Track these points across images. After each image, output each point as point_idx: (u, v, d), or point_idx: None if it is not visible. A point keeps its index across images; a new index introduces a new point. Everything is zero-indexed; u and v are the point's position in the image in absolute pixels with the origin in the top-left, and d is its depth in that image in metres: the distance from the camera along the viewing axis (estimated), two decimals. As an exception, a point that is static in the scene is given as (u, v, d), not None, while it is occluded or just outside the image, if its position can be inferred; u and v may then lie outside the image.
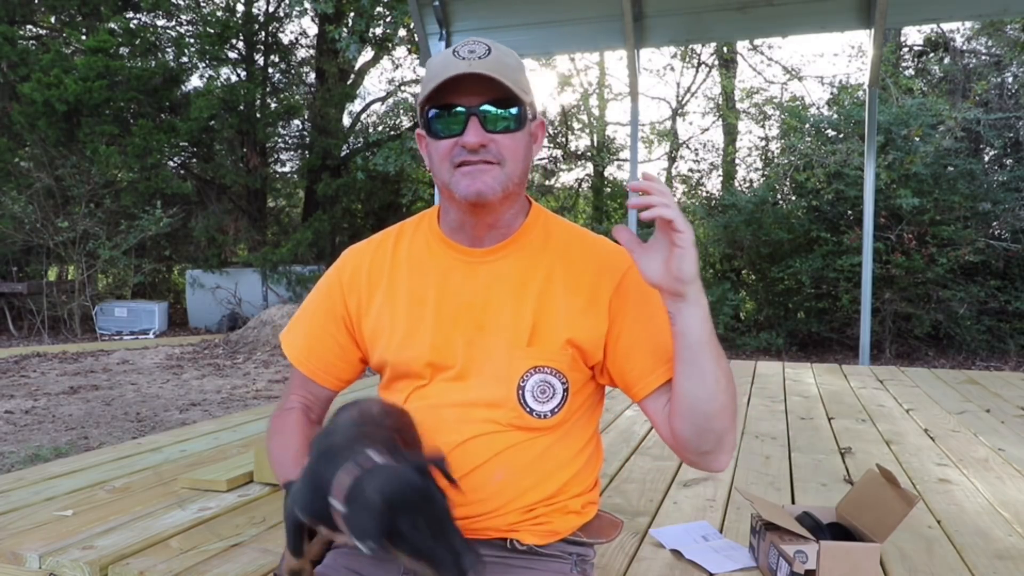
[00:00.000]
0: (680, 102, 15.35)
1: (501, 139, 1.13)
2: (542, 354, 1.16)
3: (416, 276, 1.23)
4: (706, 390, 1.07)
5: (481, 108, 1.11)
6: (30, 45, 12.08)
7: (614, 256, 1.22)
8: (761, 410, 3.95)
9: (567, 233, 1.26)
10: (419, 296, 1.22)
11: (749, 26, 6.97)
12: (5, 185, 10.69)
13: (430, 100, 1.13)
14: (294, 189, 15.73)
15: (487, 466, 1.15)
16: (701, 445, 1.11)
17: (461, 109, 1.11)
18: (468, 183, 1.12)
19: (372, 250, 1.29)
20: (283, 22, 14.07)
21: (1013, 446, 3.17)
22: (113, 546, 1.87)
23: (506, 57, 1.14)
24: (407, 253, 1.26)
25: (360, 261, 1.29)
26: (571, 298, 1.18)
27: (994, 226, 9.43)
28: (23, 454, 4.18)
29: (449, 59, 1.12)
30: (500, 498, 1.15)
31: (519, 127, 1.14)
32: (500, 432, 1.15)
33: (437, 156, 1.15)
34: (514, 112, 1.13)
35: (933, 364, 8.49)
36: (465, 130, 1.11)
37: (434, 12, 6.72)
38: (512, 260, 1.20)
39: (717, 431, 1.09)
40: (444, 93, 1.11)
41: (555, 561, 1.20)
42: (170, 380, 6.92)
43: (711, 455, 1.12)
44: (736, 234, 10.23)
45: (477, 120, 1.11)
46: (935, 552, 1.93)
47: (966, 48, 11.82)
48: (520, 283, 1.19)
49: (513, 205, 1.21)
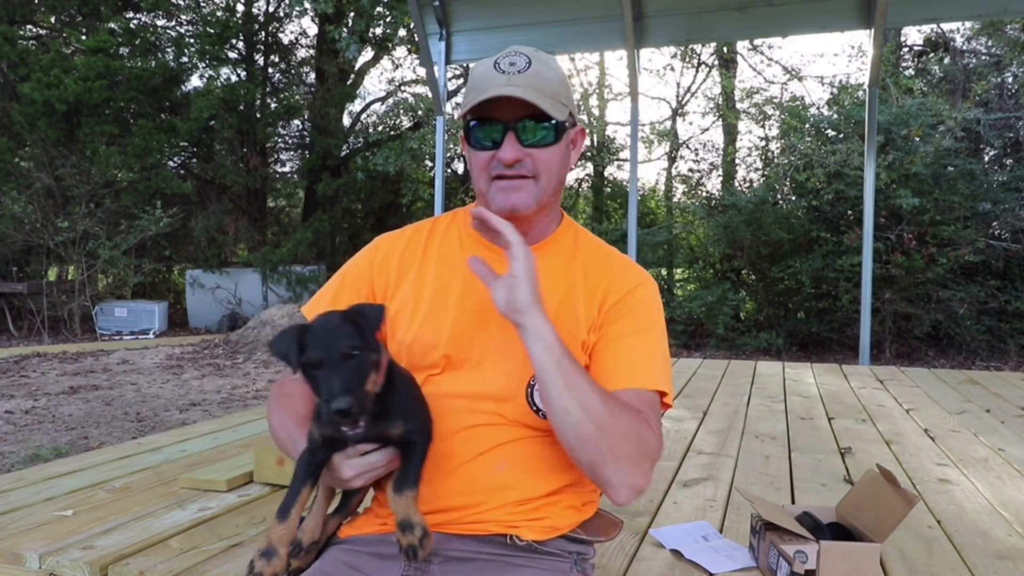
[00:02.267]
0: (680, 102, 15.36)
1: (537, 153, 1.16)
2: None
3: (444, 267, 1.26)
4: (558, 420, 1.05)
5: (518, 124, 1.15)
6: (30, 45, 12.09)
7: (626, 273, 1.25)
8: (761, 410, 3.95)
9: (594, 249, 1.29)
10: (444, 286, 1.24)
11: (749, 26, 6.98)
12: (5, 185, 10.69)
13: (472, 110, 1.16)
14: (294, 189, 15.74)
15: (489, 456, 1.16)
16: (588, 473, 1.08)
17: (499, 125, 1.15)
18: (504, 197, 1.17)
19: (407, 238, 1.33)
20: (283, 22, 14.08)
21: (1013, 446, 3.17)
22: (113, 546, 1.87)
23: (546, 70, 1.17)
24: (439, 245, 1.30)
25: (393, 247, 1.32)
26: (587, 308, 1.21)
27: (994, 226, 9.43)
28: (23, 454, 4.18)
29: (490, 72, 1.15)
30: (499, 490, 1.16)
31: (556, 140, 1.18)
32: (504, 425, 1.17)
33: (476, 167, 1.20)
34: (551, 125, 1.16)
35: (933, 364, 8.49)
36: (502, 144, 1.15)
37: (434, 12, 6.73)
38: (540, 265, 1.22)
39: (586, 463, 1.06)
40: (484, 106, 1.14)
41: (555, 559, 1.20)
42: (170, 380, 6.92)
43: (603, 485, 1.08)
44: (736, 234, 10.23)
45: (514, 135, 1.15)
46: (935, 552, 1.93)
47: (966, 48, 11.82)
48: (545, 288, 1.20)
49: (548, 215, 1.26)
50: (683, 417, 3.72)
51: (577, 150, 1.25)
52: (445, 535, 1.16)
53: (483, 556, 1.16)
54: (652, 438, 1.10)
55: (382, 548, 1.19)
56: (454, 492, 1.16)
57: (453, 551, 1.16)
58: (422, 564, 1.11)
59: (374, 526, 1.23)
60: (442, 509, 1.16)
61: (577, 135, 1.25)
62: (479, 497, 1.16)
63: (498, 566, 1.15)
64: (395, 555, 1.18)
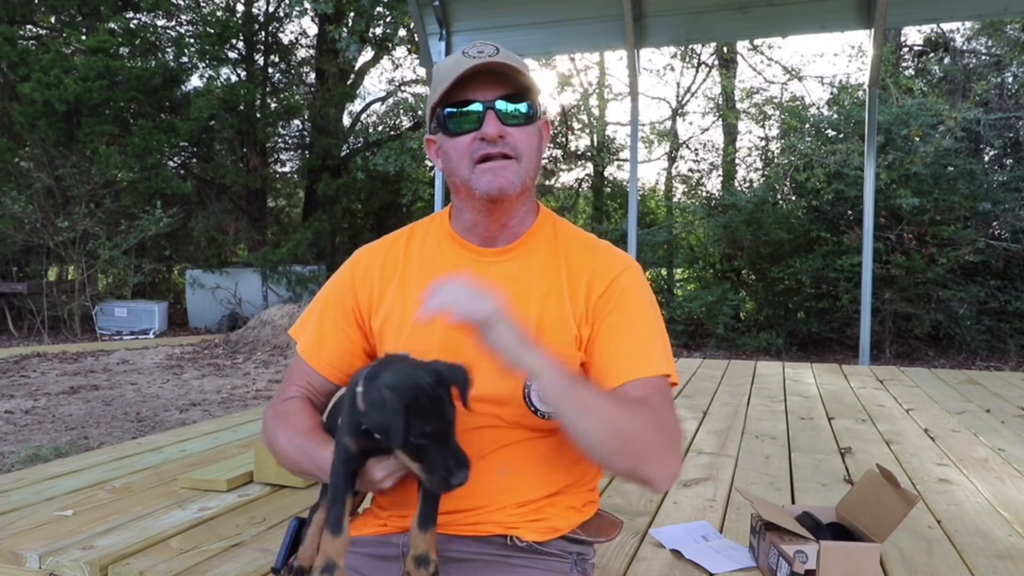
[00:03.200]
0: (680, 102, 15.36)
1: (516, 132, 1.16)
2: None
3: (427, 274, 1.24)
4: (583, 443, 1.05)
5: (496, 102, 1.14)
6: (30, 45, 12.09)
7: (609, 260, 1.23)
8: (761, 410, 3.95)
9: (574, 239, 1.27)
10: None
11: (749, 26, 6.98)
12: (5, 185, 10.69)
13: (444, 99, 1.16)
14: (294, 189, 15.74)
15: (491, 459, 1.16)
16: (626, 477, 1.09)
17: (478, 105, 1.14)
18: (490, 179, 1.15)
19: (386, 248, 1.31)
20: (283, 22, 14.08)
21: (1013, 446, 3.17)
22: (113, 546, 1.87)
23: (514, 58, 1.17)
24: (419, 251, 1.28)
25: (373, 258, 1.30)
26: (573, 302, 1.20)
27: (994, 226, 9.43)
28: (23, 454, 4.18)
29: (459, 59, 1.14)
30: (501, 493, 1.16)
31: (531, 121, 1.18)
32: (504, 428, 1.16)
33: (456, 153, 1.17)
34: (526, 107, 1.17)
35: (933, 364, 8.49)
36: (483, 123, 1.14)
37: (434, 12, 6.72)
38: (522, 261, 1.23)
39: (622, 470, 1.07)
40: (458, 91, 1.14)
41: (555, 560, 1.20)
42: (170, 380, 6.92)
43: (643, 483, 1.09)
44: (736, 234, 10.23)
45: (494, 113, 1.14)
46: (935, 552, 1.93)
47: (966, 48, 11.82)
48: (529, 284, 1.20)
49: (526, 202, 1.24)
50: (683, 417, 3.72)
51: (545, 142, 1.25)
52: (445, 536, 1.16)
53: (483, 557, 1.16)
54: (671, 423, 1.11)
55: (382, 549, 1.19)
56: (455, 496, 1.15)
57: (453, 552, 1.16)
58: None
59: (374, 527, 1.23)
60: (442, 512, 1.16)
61: (543, 127, 1.24)
62: (480, 500, 1.16)
63: (498, 567, 1.15)
64: (395, 556, 1.18)
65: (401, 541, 1.18)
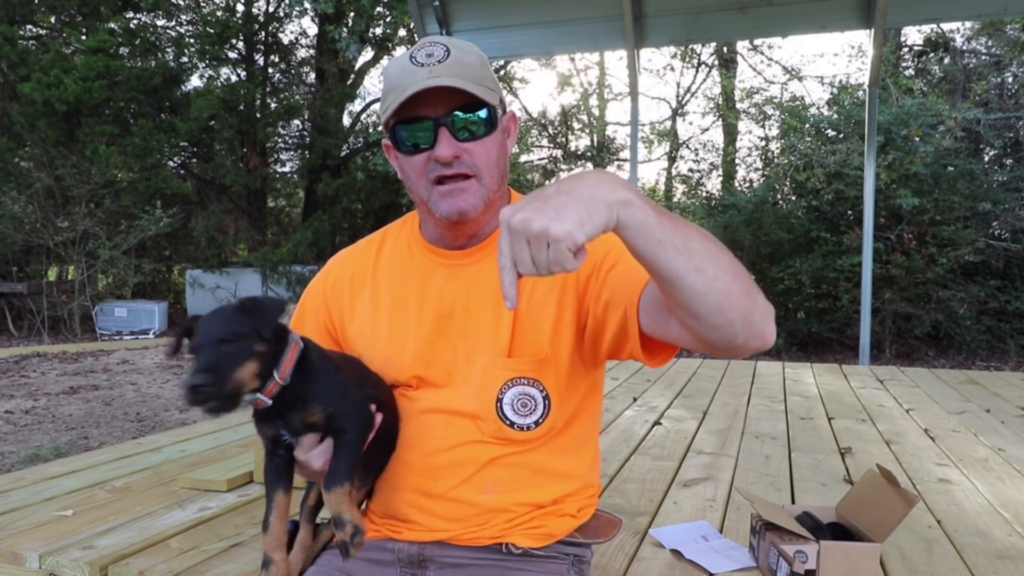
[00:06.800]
0: (680, 102, 15.37)
1: (473, 147, 1.08)
2: (520, 365, 1.13)
3: (398, 280, 1.22)
4: (694, 291, 0.85)
5: (449, 118, 1.06)
6: (30, 45, 12.09)
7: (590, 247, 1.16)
8: (761, 410, 3.95)
9: None
10: (400, 300, 1.20)
11: (749, 26, 6.98)
12: (5, 185, 10.69)
13: (395, 114, 1.08)
14: (294, 189, 15.73)
15: (474, 481, 1.13)
16: (740, 326, 0.89)
17: (428, 122, 1.06)
18: (449, 203, 1.08)
19: (358, 254, 1.28)
20: (283, 22, 14.08)
21: (1013, 446, 3.17)
22: (113, 546, 1.87)
23: (467, 56, 1.08)
24: (389, 258, 1.25)
25: (344, 266, 1.28)
26: (550, 298, 1.14)
27: (994, 226, 9.43)
28: (23, 454, 4.18)
29: (407, 67, 1.06)
30: (490, 513, 1.14)
31: (490, 130, 1.10)
32: (486, 443, 1.14)
33: (413, 173, 1.11)
34: (483, 115, 1.08)
35: (933, 364, 8.49)
36: (436, 142, 1.06)
37: (434, 12, 6.72)
38: (492, 261, 1.16)
39: (738, 318, 0.88)
40: (408, 105, 1.06)
41: (551, 562, 1.19)
42: (170, 380, 6.92)
43: (754, 335, 0.90)
44: (736, 234, 10.23)
45: (447, 130, 1.06)
46: (935, 552, 1.93)
47: (966, 48, 11.82)
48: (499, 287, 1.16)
49: (495, 214, 1.16)
50: (683, 417, 3.72)
51: (512, 137, 1.17)
52: (441, 543, 1.15)
53: (479, 562, 1.15)
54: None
55: (376, 554, 1.19)
56: (444, 519, 1.14)
57: (449, 557, 1.15)
58: (352, 555, 1.05)
59: (368, 533, 1.23)
60: (434, 530, 1.15)
61: (509, 121, 1.16)
62: (472, 522, 1.14)
63: (494, 571, 1.15)
64: (390, 561, 1.17)
65: (396, 547, 1.18)
